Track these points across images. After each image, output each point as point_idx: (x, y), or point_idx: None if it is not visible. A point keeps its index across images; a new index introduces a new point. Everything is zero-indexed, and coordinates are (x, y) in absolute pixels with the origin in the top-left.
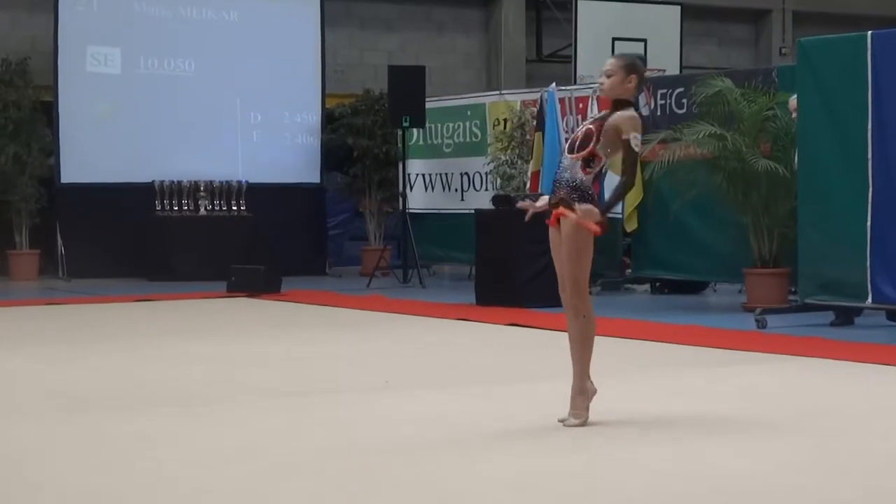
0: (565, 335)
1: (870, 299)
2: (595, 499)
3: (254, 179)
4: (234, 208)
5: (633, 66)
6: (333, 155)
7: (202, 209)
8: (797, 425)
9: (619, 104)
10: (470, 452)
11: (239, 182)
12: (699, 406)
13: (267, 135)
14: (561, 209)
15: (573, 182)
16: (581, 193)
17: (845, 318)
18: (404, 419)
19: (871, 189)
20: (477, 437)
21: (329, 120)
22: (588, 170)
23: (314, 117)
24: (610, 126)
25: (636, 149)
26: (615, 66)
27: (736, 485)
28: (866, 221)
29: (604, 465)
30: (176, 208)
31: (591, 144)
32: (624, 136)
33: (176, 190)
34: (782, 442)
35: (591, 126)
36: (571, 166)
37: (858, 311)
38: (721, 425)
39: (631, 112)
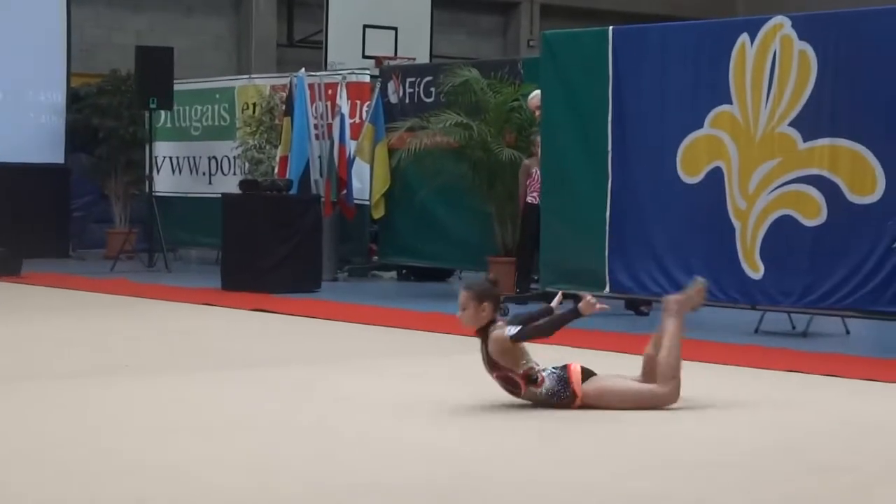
0: (310, 320)
1: (607, 288)
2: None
3: None
4: None
5: (483, 293)
6: (79, 135)
7: None
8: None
9: (483, 329)
10: (208, 436)
11: None
12: (436, 391)
13: (9, 113)
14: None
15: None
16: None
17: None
18: (141, 402)
19: (609, 181)
20: (217, 421)
21: (74, 99)
22: (530, 384)
23: (59, 96)
24: (494, 353)
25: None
26: (465, 298)
27: (462, 469)
28: (605, 212)
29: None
30: None
31: (501, 372)
32: (504, 344)
33: None
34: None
35: (493, 375)
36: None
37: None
38: (459, 408)
39: (495, 335)
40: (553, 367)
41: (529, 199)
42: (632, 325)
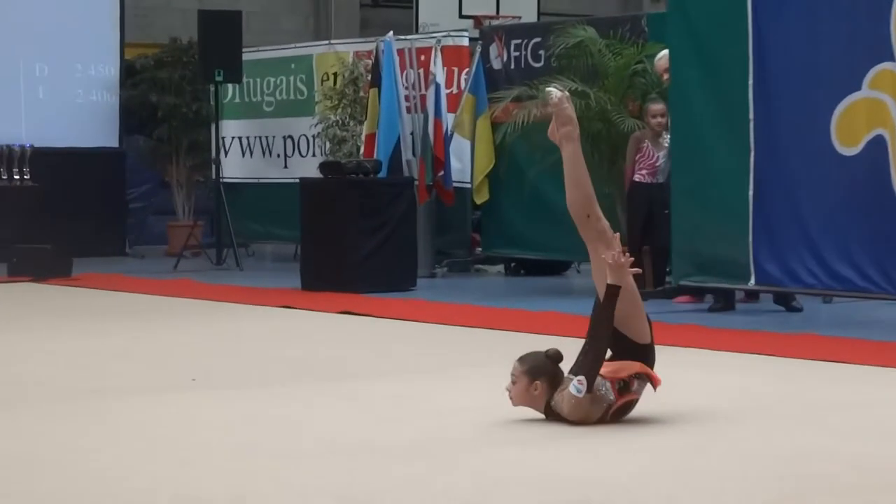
0: (405, 323)
1: (753, 280)
2: None
3: (40, 143)
4: (17, 177)
5: (537, 369)
6: (134, 115)
7: None
8: (669, 423)
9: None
10: (289, 463)
11: (22, 146)
12: None
13: (55, 90)
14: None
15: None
16: None
17: (725, 301)
18: (211, 421)
19: (752, 154)
20: (299, 445)
21: (129, 73)
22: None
23: (112, 70)
24: (579, 418)
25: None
26: (517, 372)
27: (600, 491)
28: (748, 191)
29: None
30: None
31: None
32: (582, 405)
33: None
34: (653, 440)
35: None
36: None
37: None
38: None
39: (565, 406)
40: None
41: (637, 178)
42: (783, 323)
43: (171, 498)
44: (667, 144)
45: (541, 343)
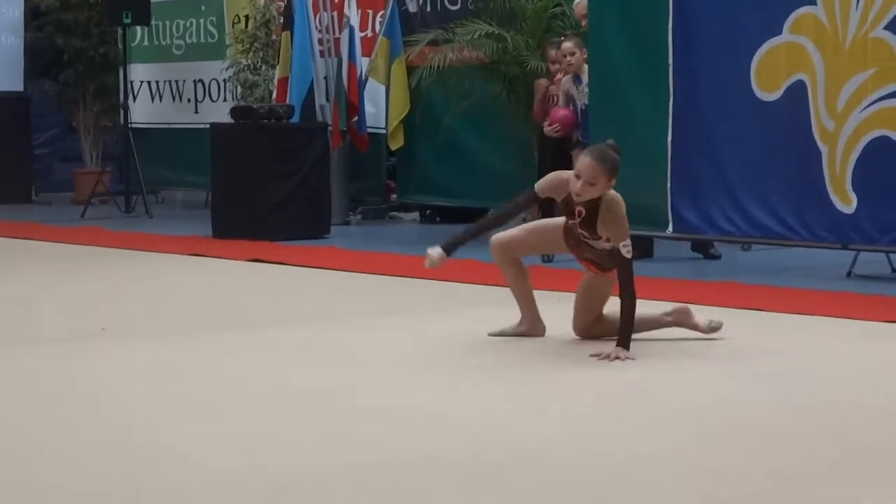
0: (318, 271)
1: (670, 228)
2: None
3: None
4: None
5: (616, 167)
6: (40, 57)
7: None
8: (583, 369)
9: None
10: (199, 410)
11: None
12: (463, 351)
13: None
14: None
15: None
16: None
17: (643, 249)
18: (120, 372)
19: (671, 99)
20: (208, 392)
21: (34, 15)
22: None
23: (15, 12)
24: (611, 221)
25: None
26: (597, 172)
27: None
28: (667, 138)
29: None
30: None
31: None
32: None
33: None
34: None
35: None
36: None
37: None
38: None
39: (612, 201)
40: None
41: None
42: (699, 271)
43: (76, 448)
44: (568, 91)
45: (456, 290)
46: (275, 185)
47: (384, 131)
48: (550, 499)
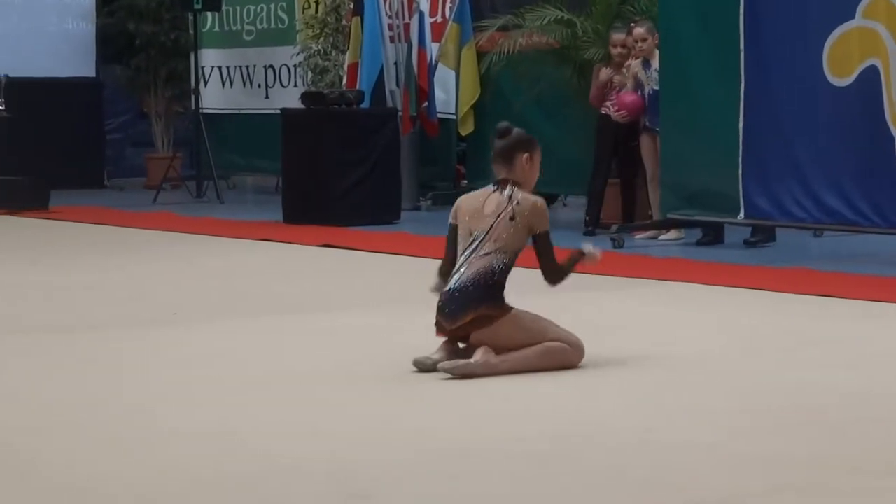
0: (388, 257)
1: (742, 214)
2: None
3: (14, 73)
4: None
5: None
6: (111, 43)
7: None
8: (649, 359)
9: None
10: (263, 394)
11: None
12: None
13: (26, 18)
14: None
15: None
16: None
17: (714, 235)
18: (194, 356)
19: (742, 85)
20: (273, 377)
21: (105, 1)
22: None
23: None
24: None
25: None
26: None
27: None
28: (738, 123)
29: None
30: None
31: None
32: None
33: None
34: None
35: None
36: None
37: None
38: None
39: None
40: None
41: (604, 110)
42: (770, 258)
43: (144, 428)
44: (638, 76)
45: (525, 275)
46: (345, 171)
47: (454, 117)
48: (617, 484)
